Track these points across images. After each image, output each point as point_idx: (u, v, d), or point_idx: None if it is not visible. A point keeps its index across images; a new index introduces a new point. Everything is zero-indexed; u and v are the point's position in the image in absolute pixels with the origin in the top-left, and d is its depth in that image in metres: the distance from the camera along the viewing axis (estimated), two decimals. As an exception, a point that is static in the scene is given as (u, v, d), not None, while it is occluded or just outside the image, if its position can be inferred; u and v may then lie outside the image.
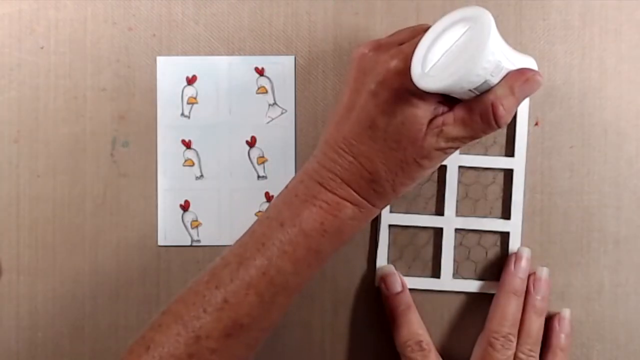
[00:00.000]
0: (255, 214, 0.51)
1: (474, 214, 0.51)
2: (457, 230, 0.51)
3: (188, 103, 0.51)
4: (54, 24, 0.51)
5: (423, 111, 0.40)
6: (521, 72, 0.40)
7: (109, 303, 0.51)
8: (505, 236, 0.51)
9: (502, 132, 0.51)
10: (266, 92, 0.51)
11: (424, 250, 0.51)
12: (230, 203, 0.51)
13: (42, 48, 0.51)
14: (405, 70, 0.38)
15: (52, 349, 0.51)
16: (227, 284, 0.40)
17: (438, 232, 0.51)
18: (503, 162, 0.51)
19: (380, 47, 0.41)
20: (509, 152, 0.51)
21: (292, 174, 0.51)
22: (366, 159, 0.41)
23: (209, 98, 0.51)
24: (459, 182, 0.51)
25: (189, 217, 0.51)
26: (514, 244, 0.50)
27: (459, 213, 0.51)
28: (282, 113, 0.51)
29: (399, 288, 0.49)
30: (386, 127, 0.40)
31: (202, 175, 0.51)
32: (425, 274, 0.51)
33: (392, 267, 0.50)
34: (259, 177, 0.51)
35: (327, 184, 0.41)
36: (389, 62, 0.39)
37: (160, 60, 0.51)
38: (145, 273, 0.51)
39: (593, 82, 0.51)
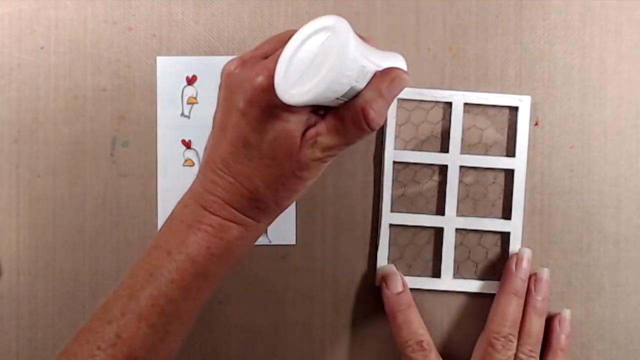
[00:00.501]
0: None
1: (474, 214, 0.51)
2: (457, 230, 0.51)
3: (188, 103, 0.51)
4: (54, 24, 0.51)
5: (294, 124, 0.39)
6: (386, 72, 0.40)
7: (109, 303, 0.51)
8: (505, 236, 0.51)
9: (503, 132, 0.51)
10: (266, 92, 0.51)
11: (425, 250, 0.51)
12: (230, 203, 0.51)
13: (42, 48, 0.51)
14: (270, 87, 0.38)
15: (52, 349, 0.51)
16: (118, 318, 0.40)
17: (439, 232, 0.51)
18: (504, 163, 0.51)
19: (245, 63, 0.41)
20: (510, 152, 0.51)
21: (292, 174, 0.51)
22: (245, 178, 0.41)
23: (209, 98, 0.51)
24: (460, 182, 0.51)
25: (189, 217, 0.51)
26: (514, 244, 0.50)
27: (459, 213, 0.51)
28: (282, 113, 0.51)
29: (400, 288, 0.49)
30: (260, 145, 0.40)
31: (202, 175, 0.51)
32: (426, 273, 0.51)
33: (393, 267, 0.50)
34: (259, 177, 0.51)
35: (210, 207, 0.41)
36: (253, 79, 0.39)
37: (160, 60, 0.51)
38: (145, 273, 0.51)
39: (593, 82, 0.51)
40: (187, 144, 0.51)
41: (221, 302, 0.51)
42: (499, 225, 0.50)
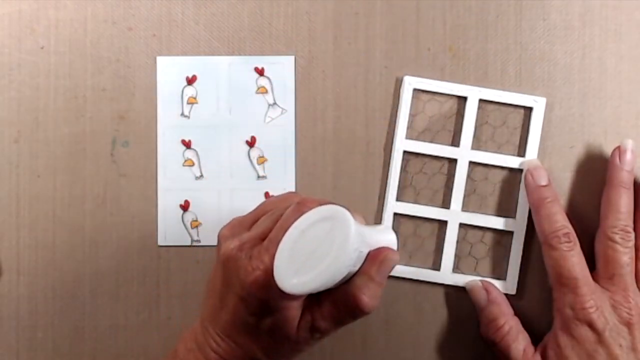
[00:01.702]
0: (255, 214, 0.51)
1: (479, 210, 0.51)
2: (461, 224, 0.51)
3: (188, 103, 0.51)
4: (54, 24, 0.51)
5: (291, 311, 0.40)
6: (375, 256, 0.40)
7: (109, 303, 0.51)
8: (508, 235, 0.51)
9: (515, 132, 0.51)
10: (266, 92, 0.51)
11: (427, 242, 0.51)
12: (230, 203, 0.51)
13: (42, 48, 0.51)
14: (267, 283, 0.38)
15: (52, 349, 0.51)
16: None
17: (442, 225, 0.51)
18: (513, 162, 0.51)
19: (243, 247, 0.41)
20: (521, 152, 0.51)
21: (292, 174, 0.51)
22: (246, 347, 0.42)
23: (209, 98, 0.51)
24: (468, 177, 0.51)
25: (189, 217, 0.51)
26: (517, 245, 0.50)
27: (464, 208, 0.51)
28: (282, 113, 0.51)
29: (545, 181, 0.49)
30: (259, 325, 0.41)
31: (202, 175, 0.51)
32: (426, 265, 0.51)
33: (538, 162, 0.50)
34: (259, 177, 0.51)
35: None
36: (250, 274, 0.39)
37: (160, 60, 0.51)
38: (145, 273, 0.51)
39: (593, 82, 0.51)
40: (187, 144, 0.51)
41: (221, 302, 0.51)
42: (503, 223, 0.50)
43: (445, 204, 0.51)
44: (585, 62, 0.51)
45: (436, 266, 0.51)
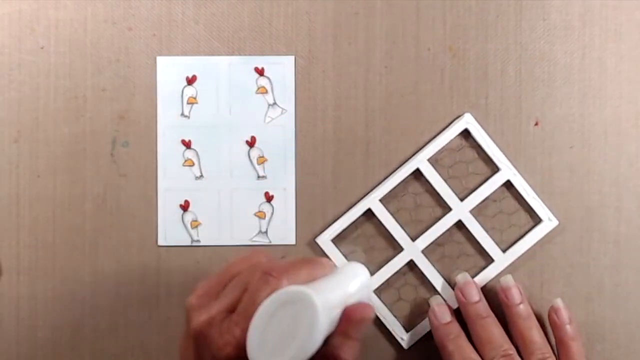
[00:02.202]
0: (255, 214, 0.51)
1: (436, 263, 0.51)
2: (411, 261, 0.51)
3: (188, 103, 0.51)
4: (54, 24, 0.51)
5: None
6: (350, 316, 0.39)
7: (109, 303, 0.51)
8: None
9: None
10: (266, 92, 0.51)
11: (377, 254, 0.51)
12: (230, 203, 0.51)
13: (42, 48, 0.51)
14: (240, 356, 0.38)
15: (52, 349, 0.51)
16: None
17: (397, 248, 0.51)
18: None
19: (212, 322, 0.40)
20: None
21: (292, 174, 0.51)
22: None
23: (209, 98, 0.51)
24: (448, 231, 0.51)
25: (189, 217, 0.51)
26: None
27: (425, 251, 0.51)
28: (282, 113, 0.51)
29: (477, 297, 0.49)
30: None
31: (202, 175, 0.51)
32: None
33: (468, 276, 0.50)
34: (259, 177, 0.51)
35: None
36: (223, 350, 0.39)
37: (160, 60, 0.51)
38: (145, 273, 0.51)
39: (593, 82, 0.51)
40: (187, 144, 0.51)
41: (221, 302, 0.51)
42: (441, 287, 0.51)
43: (413, 234, 0.51)
44: (585, 62, 0.51)
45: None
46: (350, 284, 0.41)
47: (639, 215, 0.51)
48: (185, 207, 0.51)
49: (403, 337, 0.50)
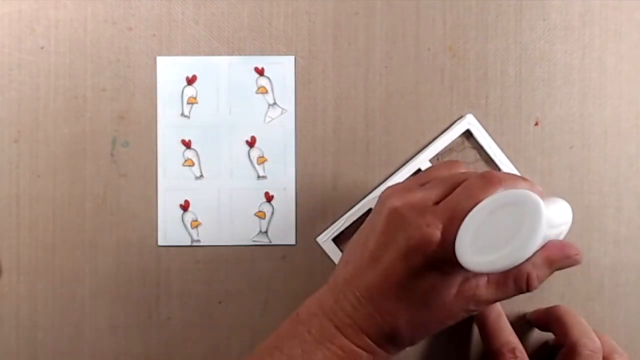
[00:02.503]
0: (255, 214, 0.51)
1: None
2: None
3: (188, 103, 0.51)
4: (54, 24, 0.51)
5: (455, 277, 0.39)
6: (563, 249, 0.39)
7: (109, 303, 0.51)
8: None
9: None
10: (266, 92, 0.51)
11: None
12: (230, 203, 0.51)
13: (42, 48, 0.51)
14: (440, 242, 0.37)
15: (52, 349, 0.51)
16: None
17: None
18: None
19: (414, 206, 0.39)
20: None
21: (292, 174, 0.51)
22: (389, 315, 0.39)
23: (209, 98, 0.51)
24: None
25: (189, 217, 0.51)
26: None
27: None
28: (282, 113, 0.51)
29: None
30: (413, 289, 0.39)
31: (202, 175, 0.51)
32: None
33: None
34: (259, 177, 0.51)
35: (344, 329, 0.40)
36: (423, 229, 0.38)
37: (160, 60, 0.51)
38: (145, 273, 0.51)
39: (593, 82, 0.51)
40: (187, 144, 0.51)
41: (221, 302, 0.51)
42: None
43: None
44: (585, 62, 0.51)
45: None
46: (562, 212, 0.40)
47: (639, 215, 0.51)
48: (185, 207, 0.51)
49: None
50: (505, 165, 0.50)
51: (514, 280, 0.39)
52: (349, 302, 0.40)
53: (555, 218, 0.40)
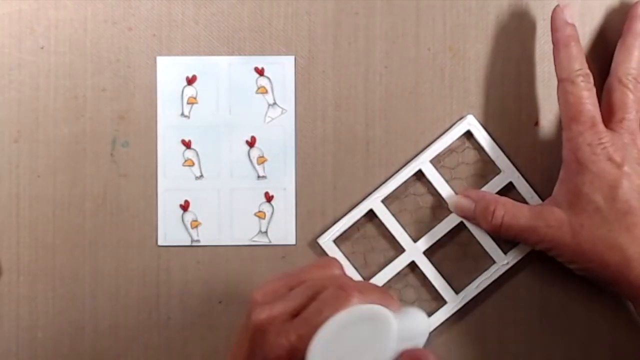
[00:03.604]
0: (255, 214, 0.51)
1: (436, 265, 0.51)
2: (412, 262, 0.51)
3: (188, 103, 0.51)
4: (54, 24, 0.51)
5: None
6: (414, 355, 0.38)
7: (109, 303, 0.51)
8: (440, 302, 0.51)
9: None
10: (266, 92, 0.51)
11: (375, 255, 0.51)
12: (230, 203, 0.51)
13: (42, 48, 0.51)
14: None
15: (52, 349, 0.51)
16: None
17: (398, 249, 0.51)
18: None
19: (274, 320, 0.39)
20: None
21: (292, 174, 0.51)
22: None
23: (209, 98, 0.51)
24: (450, 231, 0.51)
25: (189, 217, 0.51)
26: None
27: (427, 252, 0.51)
28: (282, 113, 0.51)
29: (572, 20, 0.48)
30: None
31: (202, 175, 0.51)
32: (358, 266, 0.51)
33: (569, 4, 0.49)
34: (259, 177, 0.51)
35: None
36: (274, 351, 0.38)
37: (160, 60, 0.51)
38: (145, 273, 0.51)
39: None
40: (187, 144, 0.51)
41: (221, 302, 0.51)
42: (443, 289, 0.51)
43: (415, 236, 0.51)
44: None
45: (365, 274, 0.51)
46: (415, 326, 0.40)
47: (639, 215, 0.51)
48: (185, 207, 0.51)
49: None
50: (506, 165, 0.50)
51: None
52: None
53: (411, 330, 0.39)
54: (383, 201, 0.50)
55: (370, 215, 0.51)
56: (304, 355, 0.37)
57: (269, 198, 0.51)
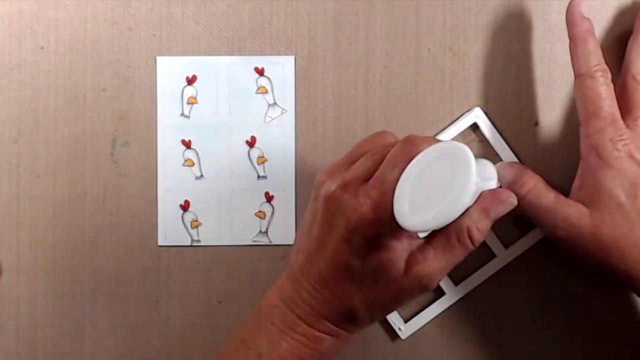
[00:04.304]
0: (255, 214, 0.51)
1: None
2: None
3: (188, 103, 0.51)
4: (54, 24, 0.51)
5: (400, 252, 0.40)
6: (496, 195, 0.40)
7: (109, 303, 0.51)
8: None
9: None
10: (266, 92, 0.51)
11: None
12: (230, 203, 0.51)
13: (42, 48, 0.51)
14: (375, 219, 0.38)
15: (52, 349, 0.51)
16: None
17: None
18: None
19: (347, 186, 0.40)
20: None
21: (292, 174, 0.51)
22: (344, 297, 0.41)
23: (209, 98, 0.52)
24: None
25: (189, 217, 0.51)
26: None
27: None
28: (282, 113, 0.51)
29: (587, 14, 0.48)
30: (362, 270, 0.40)
31: (202, 175, 0.51)
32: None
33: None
34: (259, 177, 0.51)
35: (305, 317, 0.41)
36: (358, 209, 0.39)
37: (160, 60, 0.51)
38: (145, 273, 0.51)
39: (593, 82, 0.51)
40: (187, 144, 0.51)
41: (221, 302, 0.51)
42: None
43: None
44: (585, 62, 0.51)
45: None
46: (486, 167, 0.41)
47: (639, 215, 0.51)
48: (185, 207, 0.51)
49: (401, 328, 0.50)
50: (511, 159, 0.50)
51: (457, 239, 0.40)
52: (305, 290, 0.41)
53: (484, 172, 0.40)
54: None
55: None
56: (384, 213, 0.38)
57: (269, 198, 0.51)
